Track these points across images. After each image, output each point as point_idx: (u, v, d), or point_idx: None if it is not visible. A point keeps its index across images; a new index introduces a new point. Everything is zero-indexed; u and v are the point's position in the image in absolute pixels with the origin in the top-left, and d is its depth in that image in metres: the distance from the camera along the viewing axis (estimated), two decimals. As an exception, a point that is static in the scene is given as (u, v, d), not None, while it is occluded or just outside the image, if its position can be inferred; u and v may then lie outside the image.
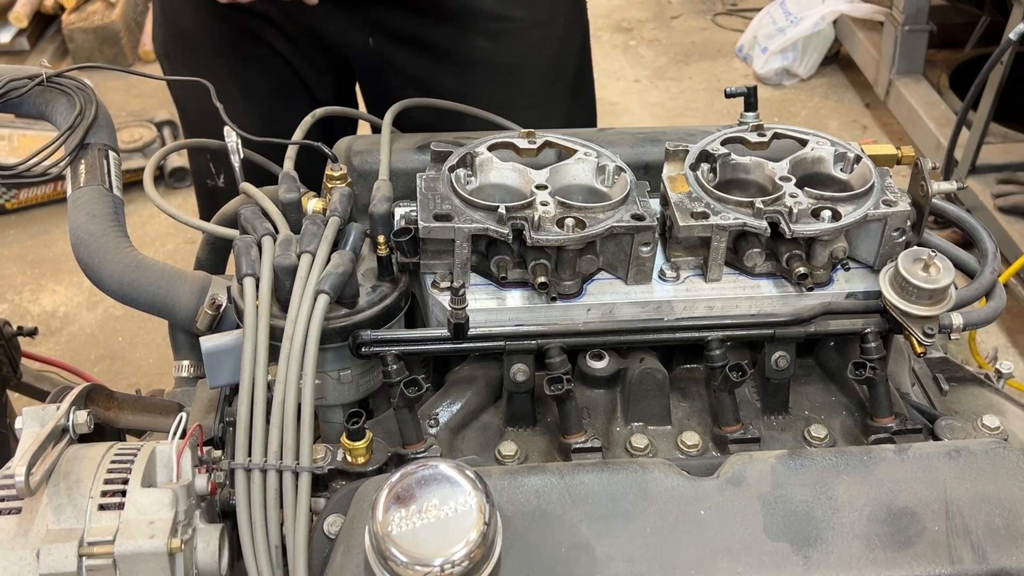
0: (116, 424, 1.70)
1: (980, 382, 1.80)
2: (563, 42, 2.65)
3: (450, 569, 1.21)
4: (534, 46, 2.58)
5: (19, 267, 4.99)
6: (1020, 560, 1.33)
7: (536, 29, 2.56)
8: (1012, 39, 4.13)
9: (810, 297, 1.65)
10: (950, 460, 1.43)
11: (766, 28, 6.47)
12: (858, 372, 1.57)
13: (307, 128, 1.96)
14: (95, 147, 1.86)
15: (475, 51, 2.51)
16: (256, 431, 1.45)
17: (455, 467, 1.28)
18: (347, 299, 1.58)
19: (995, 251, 1.76)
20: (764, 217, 1.62)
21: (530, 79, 2.62)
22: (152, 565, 1.38)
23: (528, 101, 2.60)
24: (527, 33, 2.54)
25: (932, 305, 1.54)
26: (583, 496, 1.38)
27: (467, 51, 2.51)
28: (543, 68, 2.63)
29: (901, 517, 1.37)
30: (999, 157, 4.79)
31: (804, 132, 1.80)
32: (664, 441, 1.62)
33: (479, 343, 1.59)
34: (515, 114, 2.22)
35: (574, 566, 1.31)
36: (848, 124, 6.09)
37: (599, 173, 1.73)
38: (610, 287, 1.65)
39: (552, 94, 2.69)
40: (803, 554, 1.33)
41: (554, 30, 2.61)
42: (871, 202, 1.65)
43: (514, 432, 1.65)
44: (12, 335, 2.51)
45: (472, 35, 2.49)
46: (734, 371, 1.54)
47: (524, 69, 2.60)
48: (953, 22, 5.70)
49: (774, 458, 1.44)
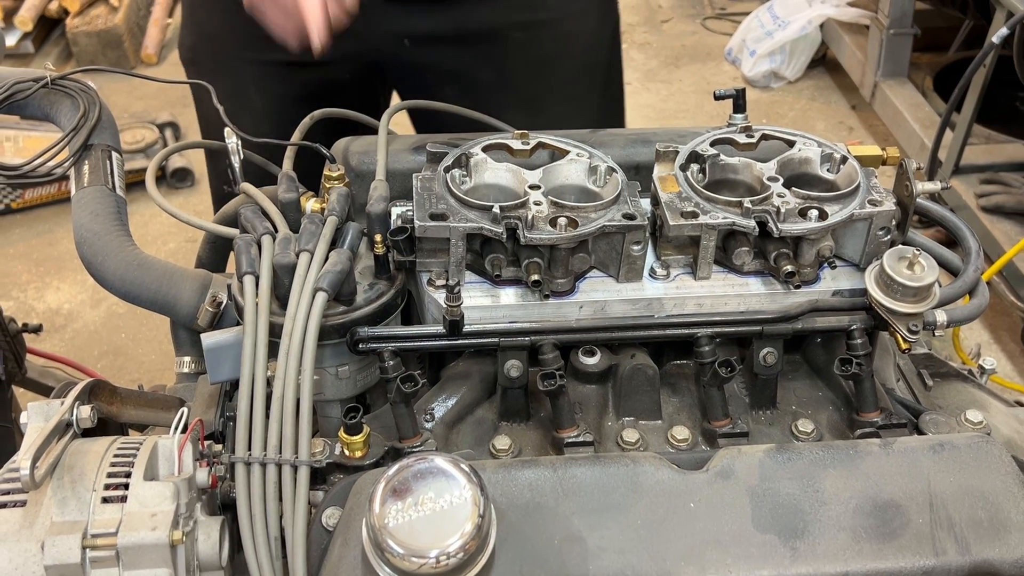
0: (119, 419, 1.70)
1: (963, 378, 1.80)
2: (596, 34, 2.64)
3: (445, 560, 1.21)
4: (568, 38, 2.56)
5: (24, 265, 4.99)
6: (1002, 551, 1.33)
7: (570, 21, 2.54)
8: (995, 42, 4.13)
9: (797, 295, 1.65)
10: (934, 454, 1.43)
11: (754, 32, 6.48)
12: (844, 368, 1.57)
13: (306, 129, 1.96)
14: (98, 148, 1.86)
15: (510, 44, 2.50)
16: (256, 426, 1.45)
17: (450, 461, 1.28)
18: (345, 296, 1.58)
19: (978, 250, 1.76)
20: (752, 216, 1.62)
21: (564, 71, 2.61)
22: (154, 556, 1.37)
23: (562, 94, 2.60)
24: (561, 25, 2.53)
25: (916, 302, 1.54)
26: (575, 489, 1.38)
27: (502, 45, 2.50)
28: (576, 60, 2.62)
29: (886, 510, 1.37)
30: (982, 158, 4.80)
31: (791, 133, 1.80)
32: (655, 435, 1.62)
33: (474, 339, 1.59)
34: (550, 107, 2.22)
35: (567, 557, 1.31)
36: (834, 125, 6.10)
37: (591, 173, 1.73)
38: (602, 285, 1.65)
39: (586, 86, 2.68)
40: (790, 546, 1.33)
41: (587, 22, 2.60)
42: (857, 202, 1.65)
43: (508, 427, 1.65)
44: (17, 332, 2.51)
45: (507, 28, 2.48)
46: (723, 367, 1.54)
47: (558, 61, 2.58)
48: (937, 26, 5.71)
49: (762, 452, 1.44)
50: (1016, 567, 1.33)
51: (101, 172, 1.84)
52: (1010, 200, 4.50)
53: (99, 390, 1.66)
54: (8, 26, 6.53)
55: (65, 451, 1.45)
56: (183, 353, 1.93)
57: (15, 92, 1.87)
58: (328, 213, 1.66)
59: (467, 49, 2.49)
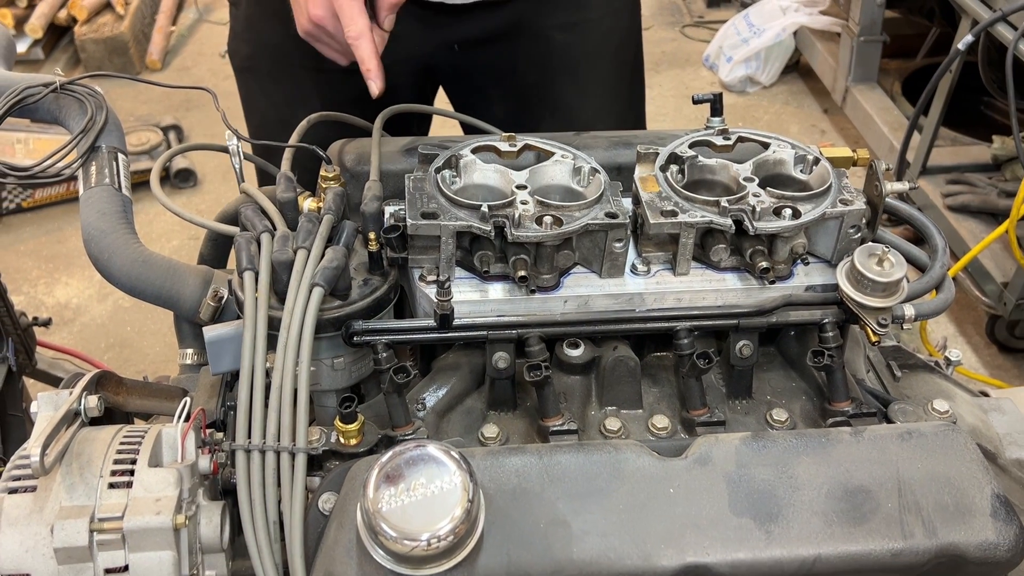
0: (125, 408, 1.70)
1: (930, 369, 1.80)
2: (628, 31, 2.66)
3: (436, 543, 1.21)
4: (605, 36, 2.56)
5: (34, 262, 4.98)
6: (967, 534, 1.34)
7: (607, 19, 2.55)
8: (960, 49, 4.14)
9: (772, 290, 1.65)
10: (902, 442, 1.43)
11: (731, 39, 6.48)
12: (817, 360, 1.57)
13: (303, 132, 1.95)
14: (105, 150, 1.85)
15: (553, 44, 2.50)
16: (255, 414, 1.45)
17: (441, 448, 1.28)
18: (340, 291, 1.58)
19: (944, 247, 1.77)
20: (729, 215, 1.62)
21: (602, 69, 2.61)
22: (158, 539, 1.37)
23: (600, 89, 2.60)
24: (599, 24, 2.53)
25: (886, 297, 1.55)
26: (560, 475, 1.38)
27: (545, 45, 2.50)
28: (612, 57, 2.63)
29: (857, 495, 1.37)
30: (948, 159, 4.81)
31: (766, 136, 1.80)
32: (636, 424, 1.62)
33: (463, 332, 1.59)
34: (589, 101, 2.21)
35: (552, 540, 1.31)
36: (807, 128, 6.10)
37: (575, 174, 1.73)
38: (585, 280, 1.65)
39: (619, 81, 2.69)
40: (765, 529, 1.33)
41: (620, 20, 2.60)
42: (829, 201, 1.65)
43: (496, 415, 1.65)
44: (28, 325, 2.50)
45: (551, 28, 2.48)
46: (701, 359, 1.55)
47: (598, 59, 2.58)
48: (905, 33, 5.72)
49: (738, 440, 1.44)
50: (980, 549, 1.33)
51: (108, 173, 1.84)
52: (975, 199, 4.51)
53: (106, 381, 1.65)
54: (19, 33, 6.50)
55: (73, 439, 1.45)
56: (186, 345, 1.93)
57: (26, 96, 1.86)
58: (324, 212, 1.66)
59: (513, 49, 2.50)
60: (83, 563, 1.36)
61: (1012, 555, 1.35)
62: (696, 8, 7.72)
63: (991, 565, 1.35)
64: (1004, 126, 4.85)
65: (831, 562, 1.32)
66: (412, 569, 1.25)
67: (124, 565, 1.38)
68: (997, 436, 1.69)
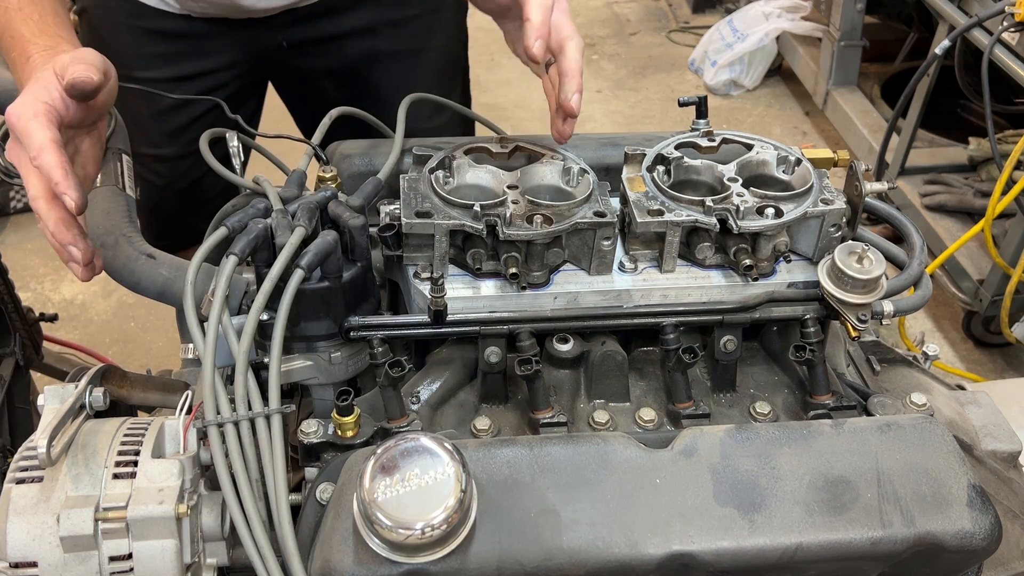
0: (129, 401, 1.70)
1: (909, 363, 1.80)
2: (454, 26, 2.70)
3: (430, 532, 1.21)
4: (432, 30, 2.61)
5: (41, 259, 4.96)
6: (944, 524, 1.34)
7: (432, 15, 2.59)
8: (937, 54, 4.15)
9: (755, 286, 1.65)
10: (882, 433, 1.44)
11: (715, 44, 6.48)
12: (798, 354, 1.57)
13: (325, 129, 1.93)
14: (111, 151, 1.85)
15: (381, 39, 2.54)
16: (220, 389, 1.40)
17: (435, 440, 1.28)
18: (332, 274, 1.56)
19: (922, 245, 1.77)
20: (714, 214, 1.62)
21: (432, 62, 2.65)
22: (161, 528, 1.38)
23: (433, 81, 2.61)
24: (425, 19, 2.57)
25: (865, 294, 1.55)
26: (550, 466, 1.38)
27: (373, 40, 2.53)
28: (441, 51, 2.66)
29: (837, 485, 1.37)
30: (926, 160, 4.82)
31: (750, 137, 1.80)
32: (623, 417, 1.62)
33: (456, 328, 1.59)
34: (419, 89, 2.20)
35: (542, 529, 1.31)
36: (790, 130, 6.10)
37: (565, 174, 1.73)
38: (575, 277, 1.65)
39: (451, 73, 2.74)
40: (749, 518, 1.33)
41: (446, 15, 2.64)
42: (810, 201, 1.65)
43: (488, 408, 1.64)
44: (35, 320, 2.50)
45: (379, 25, 2.51)
46: (686, 353, 1.54)
47: (427, 53, 2.62)
48: (884, 38, 5.72)
49: (722, 432, 1.44)
50: (957, 538, 1.34)
51: (113, 173, 1.84)
52: (951, 199, 4.52)
53: (110, 374, 1.65)
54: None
55: (79, 431, 1.45)
56: (188, 340, 1.92)
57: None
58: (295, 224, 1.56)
59: (342, 47, 2.52)
60: (88, 551, 1.37)
61: (988, 543, 1.35)
62: (682, 14, 7.71)
63: (967, 553, 1.35)
64: (980, 128, 4.87)
65: (812, 550, 1.32)
66: (407, 557, 1.24)
67: (128, 553, 1.38)
68: (973, 428, 1.70)
